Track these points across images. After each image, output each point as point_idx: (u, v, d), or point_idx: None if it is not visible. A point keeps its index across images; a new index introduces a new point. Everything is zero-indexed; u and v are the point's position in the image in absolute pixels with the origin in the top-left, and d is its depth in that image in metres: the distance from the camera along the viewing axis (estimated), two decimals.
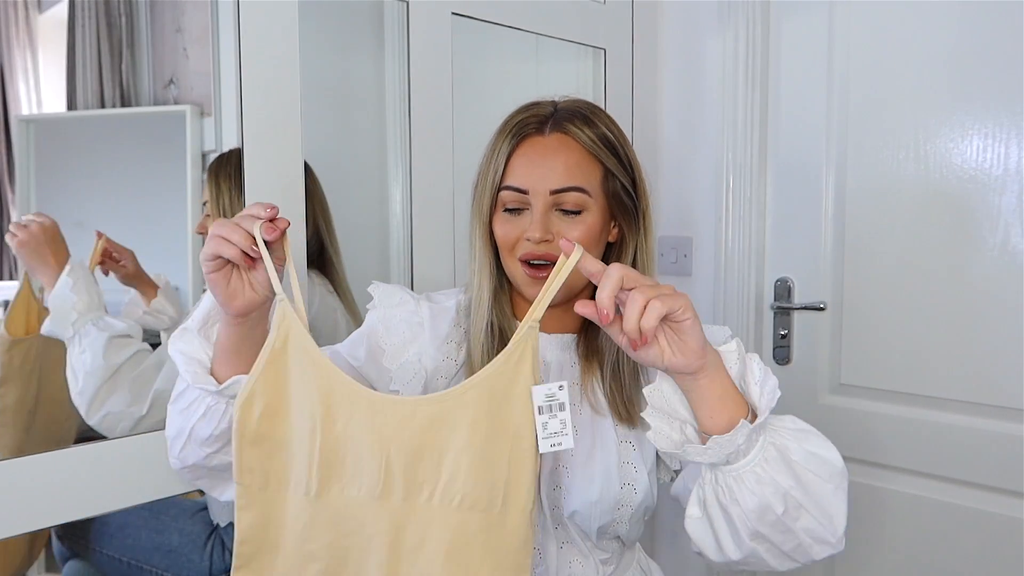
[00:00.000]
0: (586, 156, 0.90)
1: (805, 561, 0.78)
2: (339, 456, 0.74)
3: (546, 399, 0.70)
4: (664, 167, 1.81)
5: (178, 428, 0.82)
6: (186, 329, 0.82)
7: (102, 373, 1.07)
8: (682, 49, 1.77)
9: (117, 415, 1.09)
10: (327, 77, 1.45)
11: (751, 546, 0.75)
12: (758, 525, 0.74)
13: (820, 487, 0.75)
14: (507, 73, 1.67)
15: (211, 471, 0.85)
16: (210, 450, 0.82)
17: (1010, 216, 1.39)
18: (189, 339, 0.81)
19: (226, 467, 0.84)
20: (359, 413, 0.73)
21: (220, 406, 0.80)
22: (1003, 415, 1.41)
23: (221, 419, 0.80)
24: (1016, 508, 1.40)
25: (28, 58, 1.20)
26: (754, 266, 1.68)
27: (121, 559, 1.24)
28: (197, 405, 0.80)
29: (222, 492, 0.88)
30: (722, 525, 0.76)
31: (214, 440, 0.81)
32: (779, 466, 0.74)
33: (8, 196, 1.17)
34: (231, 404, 0.78)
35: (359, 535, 0.74)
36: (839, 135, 1.58)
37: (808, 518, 0.75)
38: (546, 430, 0.70)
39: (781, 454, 0.74)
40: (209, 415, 0.80)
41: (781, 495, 0.73)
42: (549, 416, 0.70)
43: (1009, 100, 1.38)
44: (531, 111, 0.93)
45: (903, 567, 1.55)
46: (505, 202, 0.91)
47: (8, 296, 1.19)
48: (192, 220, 1.25)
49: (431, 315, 0.97)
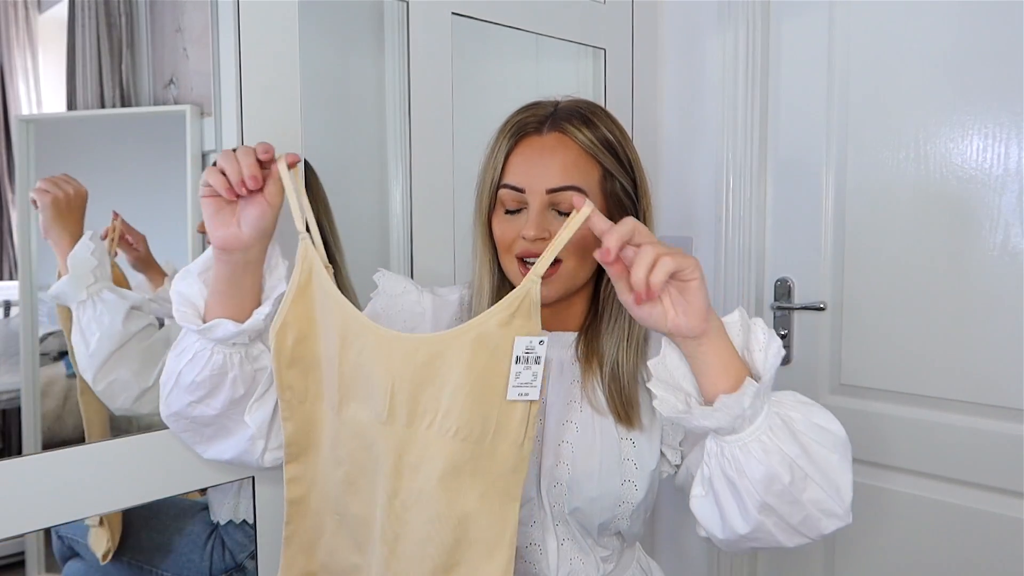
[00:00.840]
0: (583, 156, 0.90)
1: (815, 536, 0.77)
2: (355, 380, 0.81)
3: (525, 350, 0.72)
4: (664, 167, 1.81)
5: (168, 371, 0.84)
6: (187, 271, 0.85)
7: (118, 338, 1.08)
8: (682, 49, 1.77)
9: (123, 383, 1.09)
10: (327, 77, 1.45)
11: (759, 519, 0.75)
12: (765, 496, 0.73)
13: (826, 457, 0.74)
14: (507, 73, 1.67)
15: (193, 423, 0.86)
16: (192, 398, 0.83)
17: (1010, 216, 1.39)
18: (189, 281, 0.84)
19: (208, 421, 0.86)
20: (369, 345, 0.79)
21: (205, 352, 0.82)
22: (1003, 415, 1.41)
23: (204, 366, 0.82)
24: (1016, 508, 1.40)
25: (28, 58, 1.20)
26: (754, 266, 1.68)
27: (121, 559, 1.24)
28: (187, 349, 0.82)
29: (205, 448, 0.90)
30: (728, 499, 0.76)
31: (196, 387, 0.82)
32: (784, 435, 0.73)
33: (8, 196, 1.17)
34: (216, 352, 0.82)
35: (371, 451, 0.81)
36: (839, 135, 1.58)
37: (815, 488, 0.74)
38: (518, 379, 0.73)
39: (786, 424, 0.74)
40: (195, 360, 0.82)
41: (788, 464, 0.73)
42: (524, 367, 0.73)
43: (1009, 100, 1.38)
44: (531, 111, 0.93)
45: (903, 567, 1.55)
46: (504, 202, 0.91)
47: (8, 296, 1.19)
48: (192, 220, 1.25)
49: (433, 306, 0.98)
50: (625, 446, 0.92)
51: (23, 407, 1.12)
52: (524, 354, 0.72)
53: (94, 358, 1.07)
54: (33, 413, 1.13)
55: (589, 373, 0.94)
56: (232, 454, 0.90)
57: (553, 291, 0.90)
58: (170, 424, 0.89)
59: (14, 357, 1.16)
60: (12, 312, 1.20)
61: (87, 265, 1.07)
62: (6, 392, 1.16)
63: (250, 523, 1.22)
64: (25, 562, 1.17)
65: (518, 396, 0.73)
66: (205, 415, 0.85)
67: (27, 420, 1.12)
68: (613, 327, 0.93)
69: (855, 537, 1.61)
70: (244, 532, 1.26)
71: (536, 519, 0.93)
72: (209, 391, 0.83)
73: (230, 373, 0.84)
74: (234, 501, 1.26)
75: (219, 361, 0.83)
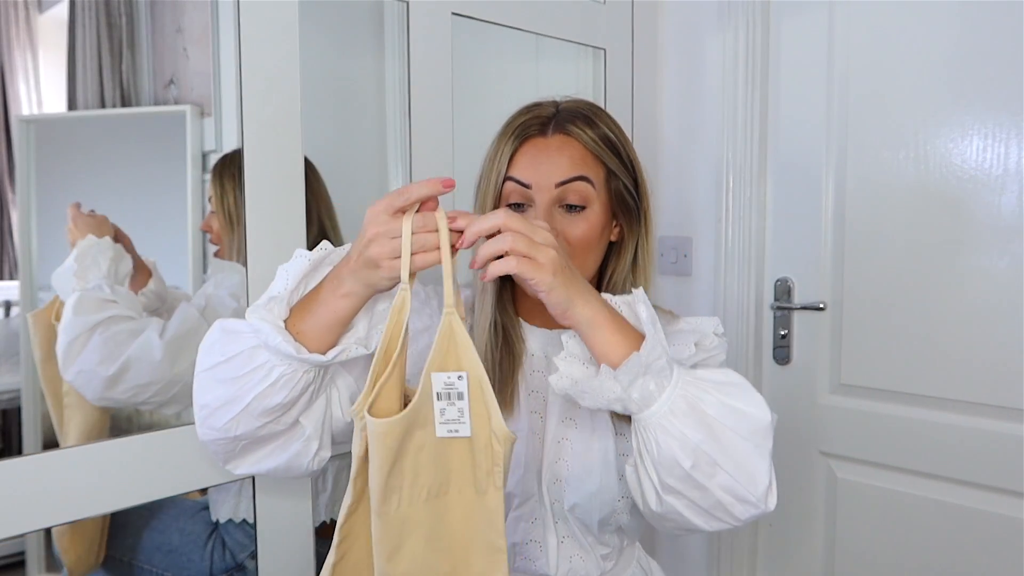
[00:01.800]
0: (589, 156, 0.91)
1: (731, 521, 0.76)
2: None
3: (444, 386, 0.70)
4: (664, 167, 1.81)
5: (228, 397, 0.76)
6: (274, 299, 0.78)
7: (75, 329, 1.08)
8: (682, 49, 1.77)
9: (88, 373, 1.09)
10: (327, 77, 1.45)
11: (667, 499, 0.74)
12: (667, 478, 0.73)
13: (738, 444, 0.72)
14: (507, 73, 1.67)
15: (254, 441, 0.80)
16: (269, 419, 0.77)
17: (1010, 216, 1.39)
18: (281, 311, 0.77)
19: (274, 436, 0.80)
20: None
21: (298, 373, 0.75)
22: (1003, 415, 1.41)
23: (296, 385, 0.76)
24: (1016, 508, 1.40)
25: (28, 58, 1.20)
26: (754, 266, 1.68)
27: (121, 559, 1.24)
28: (262, 372, 0.75)
29: (239, 465, 0.83)
30: (644, 475, 0.76)
31: (282, 408, 0.77)
32: (688, 420, 0.72)
33: (8, 196, 1.17)
34: (308, 371, 0.76)
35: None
36: (839, 135, 1.58)
37: (724, 475, 0.72)
38: (444, 416, 0.71)
39: (692, 407, 0.72)
40: (283, 382, 0.75)
41: (690, 449, 0.71)
42: (447, 403, 0.70)
43: (1009, 100, 1.38)
44: (533, 112, 0.93)
45: (903, 567, 1.55)
46: (508, 195, 0.91)
47: (8, 296, 1.19)
48: (192, 220, 1.25)
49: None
50: (621, 441, 0.93)
51: (23, 407, 1.12)
52: (444, 390, 0.70)
53: (59, 349, 1.09)
54: (33, 413, 1.13)
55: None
56: (280, 461, 0.83)
57: None
58: (212, 447, 0.81)
59: (14, 357, 1.16)
60: (12, 312, 1.20)
61: (69, 271, 1.09)
62: (6, 392, 1.17)
63: (250, 523, 1.22)
64: (25, 562, 1.17)
65: (448, 433, 0.71)
66: (274, 431, 0.79)
67: (27, 420, 1.13)
68: None
69: (855, 537, 1.61)
70: (244, 531, 1.26)
71: (537, 515, 0.94)
72: (292, 406, 0.78)
73: (311, 387, 0.78)
74: (235, 500, 1.26)
75: (308, 379, 0.77)
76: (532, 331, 0.97)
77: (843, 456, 1.60)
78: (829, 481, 1.63)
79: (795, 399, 1.66)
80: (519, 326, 0.96)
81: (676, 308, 1.86)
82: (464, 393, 0.70)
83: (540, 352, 0.96)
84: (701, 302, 1.76)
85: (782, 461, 1.69)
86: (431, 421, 0.72)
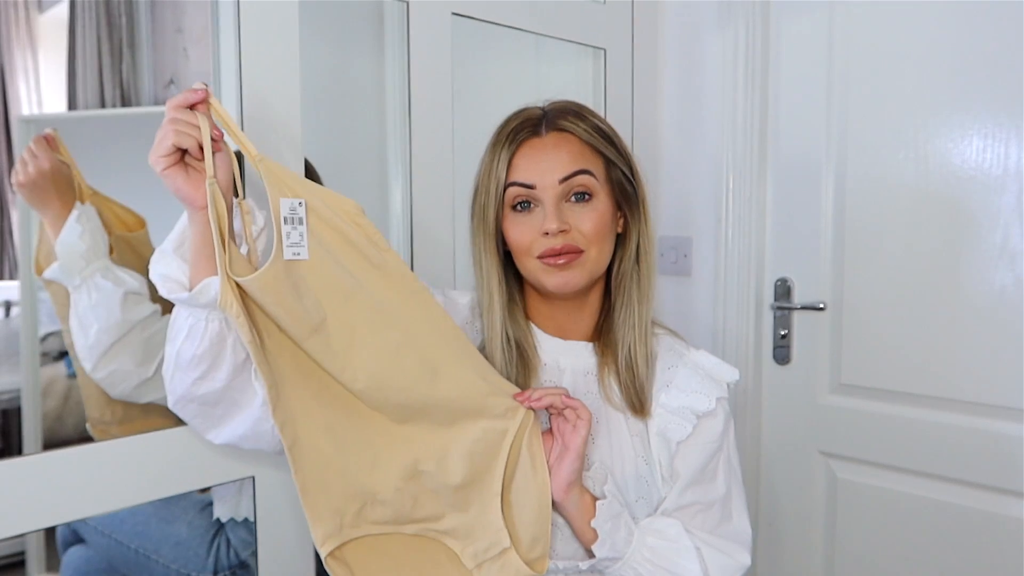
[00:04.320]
0: (586, 148, 0.92)
1: None
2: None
3: (290, 211, 0.78)
4: (664, 167, 1.81)
5: (168, 356, 0.82)
6: (162, 251, 0.82)
7: (116, 330, 1.05)
8: (682, 49, 1.78)
9: (124, 373, 1.07)
10: (327, 77, 1.45)
11: None
12: None
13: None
14: (507, 73, 1.67)
15: (202, 404, 0.84)
16: (195, 375, 0.81)
17: (1010, 216, 1.39)
18: (167, 261, 0.81)
19: (216, 398, 0.83)
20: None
21: (200, 323, 0.79)
22: (1003, 415, 1.41)
23: (203, 337, 0.79)
24: (1016, 508, 1.40)
25: (28, 58, 1.20)
26: (754, 266, 1.68)
27: (129, 546, 1.24)
28: (180, 326, 0.80)
29: (217, 432, 0.87)
30: None
31: (198, 361, 0.80)
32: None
33: (8, 196, 1.17)
34: (211, 320, 0.79)
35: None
36: (839, 135, 1.58)
37: None
38: (288, 239, 0.78)
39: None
40: (191, 334, 0.80)
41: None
42: (291, 227, 0.78)
43: (1009, 100, 1.38)
44: (522, 117, 0.94)
45: (903, 567, 1.55)
46: (512, 199, 0.91)
47: (8, 296, 1.19)
48: None
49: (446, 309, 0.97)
50: (636, 442, 0.94)
51: (23, 407, 1.12)
52: (289, 215, 0.78)
53: (93, 350, 1.05)
54: (33, 413, 1.13)
55: (604, 368, 0.95)
56: (245, 428, 0.86)
57: (580, 277, 0.90)
58: (178, 411, 0.86)
59: (14, 357, 1.16)
60: (12, 312, 1.20)
61: (76, 250, 1.04)
62: (6, 392, 1.16)
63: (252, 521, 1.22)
64: (25, 562, 1.17)
65: (292, 256, 0.78)
66: (212, 391, 0.82)
67: (27, 420, 1.13)
68: (624, 314, 0.95)
69: (855, 537, 1.61)
70: (248, 530, 1.26)
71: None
72: (212, 363, 0.81)
73: (228, 338, 0.81)
74: (237, 499, 1.26)
75: (215, 328, 0.80)
76: (545, 340, 0.97)
77: (843, 456, 1.60)
78: (829, 481, 1.63)
79: (795, 399, 1.66)
80: (531, 334, 0.97)
81: (676, 308, 1.86)
82: (303, 218, 0.79)
83: (553, 363, 0.97)
84: (701, 302, 1.76)
85: (782, 461, 1.69)
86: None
